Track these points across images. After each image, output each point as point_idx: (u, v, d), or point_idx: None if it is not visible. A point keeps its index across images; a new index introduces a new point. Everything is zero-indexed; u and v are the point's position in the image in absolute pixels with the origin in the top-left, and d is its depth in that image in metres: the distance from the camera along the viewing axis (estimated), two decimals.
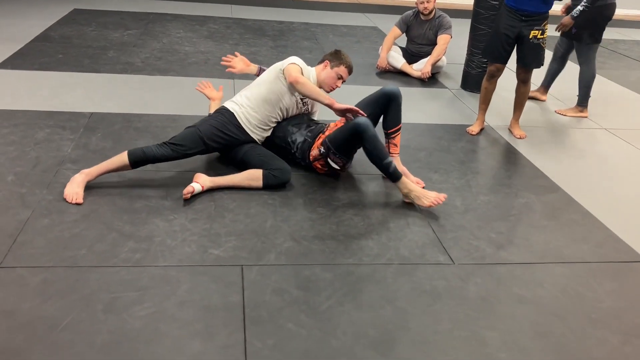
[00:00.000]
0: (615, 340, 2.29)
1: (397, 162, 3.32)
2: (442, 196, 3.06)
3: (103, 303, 2.21)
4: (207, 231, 2.73)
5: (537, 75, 4.78)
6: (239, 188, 3.12)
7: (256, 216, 2.90)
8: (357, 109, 3.12)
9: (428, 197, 3.05)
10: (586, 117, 4.78)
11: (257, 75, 3.57)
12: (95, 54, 5.24)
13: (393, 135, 3.41)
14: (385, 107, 3.35)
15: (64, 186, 2.98)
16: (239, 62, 3.61)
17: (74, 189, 2.90)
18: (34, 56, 5.01)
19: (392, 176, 3.10)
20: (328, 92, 3.38)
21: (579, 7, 4.36)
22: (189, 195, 2.97)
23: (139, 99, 4.27)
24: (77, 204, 2.84)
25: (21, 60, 4.89)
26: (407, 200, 3.13)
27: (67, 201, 2.84)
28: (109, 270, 2.40)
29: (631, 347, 2.25)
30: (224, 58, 3.64)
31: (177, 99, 4.35)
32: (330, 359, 2.05)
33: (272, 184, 3.13)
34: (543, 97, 5.10)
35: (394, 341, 2.16)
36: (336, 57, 3.41)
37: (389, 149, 3.38)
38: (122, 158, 3.00)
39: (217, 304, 2.27)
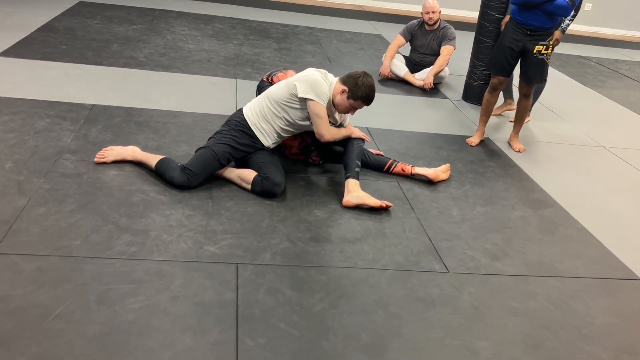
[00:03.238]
0: (607, 356, 2.29)
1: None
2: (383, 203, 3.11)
3: (96, 294, 2.20)
4: (203, 228, 2.73)
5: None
6: (235, 186, 3.12)
7: (253, 215, 2.89)
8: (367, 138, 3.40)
9: (375, 200, 3.10)
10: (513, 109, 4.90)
11: None
12: (98, 46, 5.24)
13: (391, 170, 3.53)
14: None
15: (62, 176, 2.98)
16: None
17: (114, 153, 3.17)
18: (37, 46, 5.00)
19: (354, 172, 3.19)
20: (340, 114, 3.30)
21: (567, 22, 4.43)
22: None
23: (140, 94, 4.26)
24: (98, 160, 3.14)
25: (25, 49, 4.88)
26: (351, 202, 3.08)
27: (100, 156, 3.16)
28: (103, 261, 2.39)
29: None
30: None
31: (179, 95, 4.35)
32: None
33: (257, 191, 3.06)
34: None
35: (386, 346, 2.16)
36: (355, 88, 3.06)
37: (403, 172, 3.53)
38: (154, 161, 3.10)
39: (211, 300, 2.26)
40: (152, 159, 3.12)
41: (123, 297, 2.21)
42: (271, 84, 3.68)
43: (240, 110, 3.28)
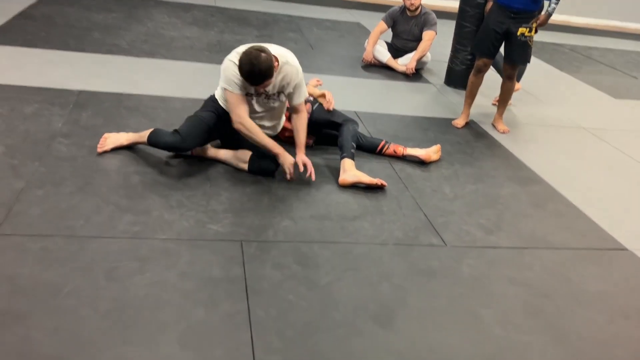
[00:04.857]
0: (602, 320, 2.39)
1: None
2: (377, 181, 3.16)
3: (104, 271, 2.20)
4: (204, 207, 2.74)
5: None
6: (231, 168, 3.13)
7: (252, 195, 2.91)
8: (308, 168, 3.06)
9: (371, 178, 3.15)
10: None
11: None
12: (79, 34, 5.16)
13: (384, 151, 3.58)
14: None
15: (57, 159, 2.96)
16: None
17: (109, 141, 3.10)
18: (16, 33, 4.90)
19: (350, 153, 3.24)
20: None
21: (552, 5, 4.51)
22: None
23: (127, 79, 4.23)
24: (100, 150, 3.07)
25: (2, 36, 4.77)
26: (347, 180, 3.12)
27: (100, 145, 3.09)
28: (108, 240, 2.39)
29: (616, 327, 2.36)
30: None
31: (165, 80, 4.33)
32: (332, 329, 2.09)
33: (255, 170, 3.09)
34: (518, 87, 5.14)
35: (393, 315, 2.22)
36: (239, 64, 2.85)
37: (395, 153, 3.59)
38: (146, 135, 3.08)
39: (219, 275, 2.28)
40: (144, 135, 3.12)
41: (132, 274, 2.21)
42: None
43: (214, 93, 3.27)
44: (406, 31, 5.56)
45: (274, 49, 3.02)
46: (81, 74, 4.19)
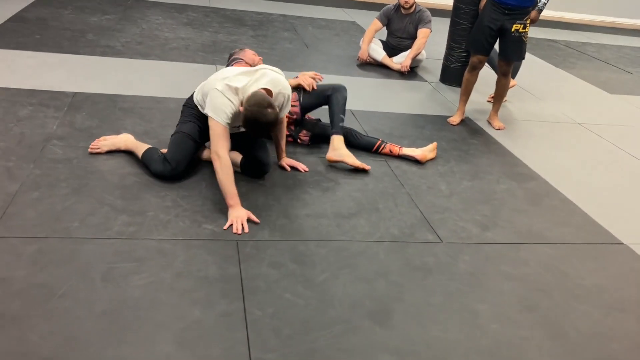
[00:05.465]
0: (598, 313, 2.39)
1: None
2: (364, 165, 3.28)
3: (100, 273, 2.20)
4: (199, 207, 2.74)
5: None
6: None
7: (248, 194, 2.91)
8: (241, 227, 2.61)
9: (355, 160, 3.27)
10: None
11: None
12: (73, 36, 5.15)
13: (380, 151, 3.58)
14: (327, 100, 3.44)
15: (52, 162, 2.95)
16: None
17: (107, 143, 3.12)
18: (10, 36, 4.90)
19: (339, 128, 3.32)
20: None
21: (543, 1, 4.51)
22: None
23: (122, 81, 4.22)
24: (92, 150, 3.09)
25: None
26: (333, 158, 3.26)
27: (94, 146, 3.11)
28: (103, 242, 2.39)
29: (613, 320, 2.36)
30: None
31: (160, 82, 4.32)
32: (329, 327, 2.09)
33: (247, 172, 3.07)
34: (514, 83, 5.16)
35: (390, 312, 2.22)
36: (245, 109, 2.71)
37: (391, 153, 3.58)
38: (141, 150, 3.05)
39: (215, 275, 2.28)
40: (140, 149, 3.06)
41: (127, 275, 2.21)
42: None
43: (191, 96, 3.15)
44: (401, 29, 5.56)
45: (268, 77, 2.88)
46: (75, 76, 4.19)
